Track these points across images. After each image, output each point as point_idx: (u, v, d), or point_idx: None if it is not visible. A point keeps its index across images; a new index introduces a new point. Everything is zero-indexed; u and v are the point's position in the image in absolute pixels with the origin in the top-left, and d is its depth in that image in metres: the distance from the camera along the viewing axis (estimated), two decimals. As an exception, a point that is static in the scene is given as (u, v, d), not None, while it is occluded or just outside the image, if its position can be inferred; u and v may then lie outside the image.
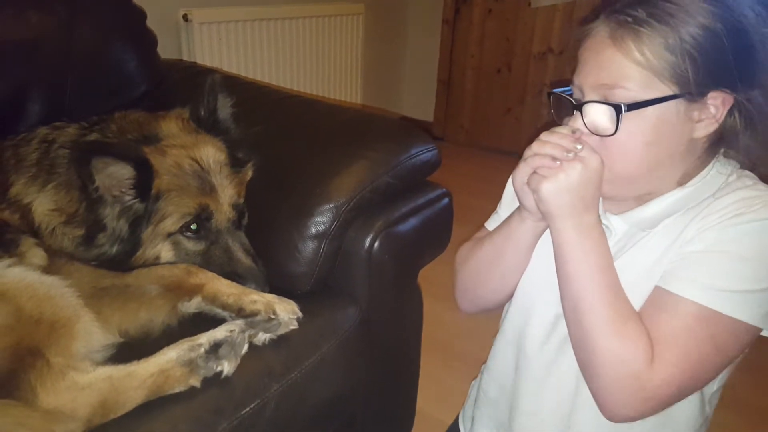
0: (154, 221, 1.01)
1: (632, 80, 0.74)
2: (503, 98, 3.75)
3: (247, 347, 0.89)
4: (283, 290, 1.01)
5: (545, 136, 0.80)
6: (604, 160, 0.77)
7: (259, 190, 1.14)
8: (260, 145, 1.20)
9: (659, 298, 0.77)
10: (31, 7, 1.32)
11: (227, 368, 0.86)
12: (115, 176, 0.97)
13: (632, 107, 0.74)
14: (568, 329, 0.82)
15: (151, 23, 1.57)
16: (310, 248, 1.06)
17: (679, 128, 0.76)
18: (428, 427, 1.51)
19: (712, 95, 0.74)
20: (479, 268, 0.97)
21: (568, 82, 0.83)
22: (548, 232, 0.83)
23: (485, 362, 1.11)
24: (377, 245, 1.09)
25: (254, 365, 0.91)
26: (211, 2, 2.37)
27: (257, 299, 0.94)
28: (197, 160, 1.05)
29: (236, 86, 1.33)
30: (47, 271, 0.92)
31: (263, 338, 0.93)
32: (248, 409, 0.88)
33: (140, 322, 0.95)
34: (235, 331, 0.87)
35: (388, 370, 1.28)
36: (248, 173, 1.15)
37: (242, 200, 1.11)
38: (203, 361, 0.84)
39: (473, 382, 1.16)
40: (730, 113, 0.76)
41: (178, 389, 0.83)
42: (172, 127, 1.10)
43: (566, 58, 0.83)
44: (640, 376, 0.73)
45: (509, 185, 0.99)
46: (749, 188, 0.78)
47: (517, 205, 0.88)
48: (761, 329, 0.75)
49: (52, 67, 1.33)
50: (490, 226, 1.02)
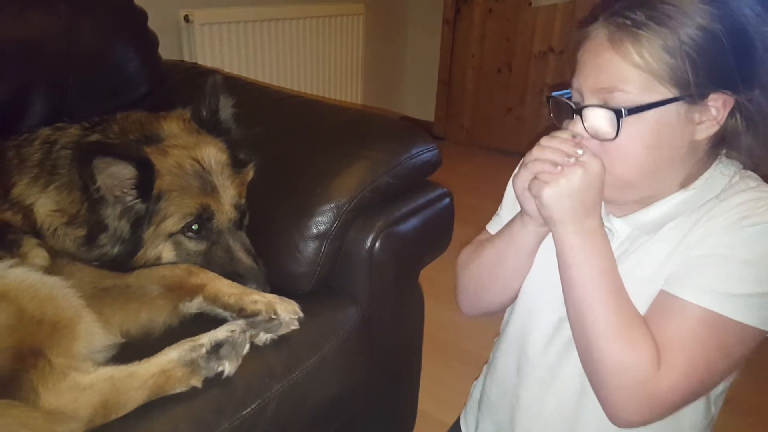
0: (155, 221, 1.01)
1: (632, 83, 0.73)
2: (504, 98, 3.74)
3: (248, 347, 0.89)
4: (284, 290, 1.01)
5: (545, 141, 0.79)
6: (605, 164, 0.76)
7: (260, 190, 1.14)
8: (261, 145, 1.20)
9: (665, 302, 0.76)
10: (32, 7, 1.32)
11: (228, 368, 0.86)
12: (116, 176, 0.97)
13: (632, 111, 0.73)
14: (572, 335, 0.81)
15: (152, 24, 1.57)
16: (311, 248, 1.06)
17: (680, 131, 0.75)
18: (429, 427, 1.51)
19: (712, 97, 0.74)
20: (481, 272, 0.96)
21: (568, 84, 0.82)
22: (551, 234, 0.82)
23: (487, 362, 1.11)
24: (378, 245, 1.10)
25: (255, 365, 0.91)
26: (212, 3, 2.37)
27: (258, 299, 0.94)
28: (199, 160, 1.05)
29: (237, 87, 1.33)
30: (49, 271, 0.92)
31: (264, 338, 0.93)
32: (249, 409, 0.88)
33: (141, 322, 0.95)
34: (236, 331, 0.88)
35: (388, 370, 1.28)
36: (249, 173, 1.15)
37: (243, 200, 1.11)
38: (204, 361, 0.84)
39: (474, 382, 1.15)
40: (731, 115, 0.75)
41: (179, 389, 0.83)
42: (173, 127, 1.11)
43: (567, 57, 0.82)
44: (646, 382, 0.73)
45: (510, 187, 0.98)
46: (753, 190, 0.78)
47: (517, 207, 0.87)
48: (767, 332, 0.74)
49: (53, 67, 1.33)
50: (491, 228, 1.02)
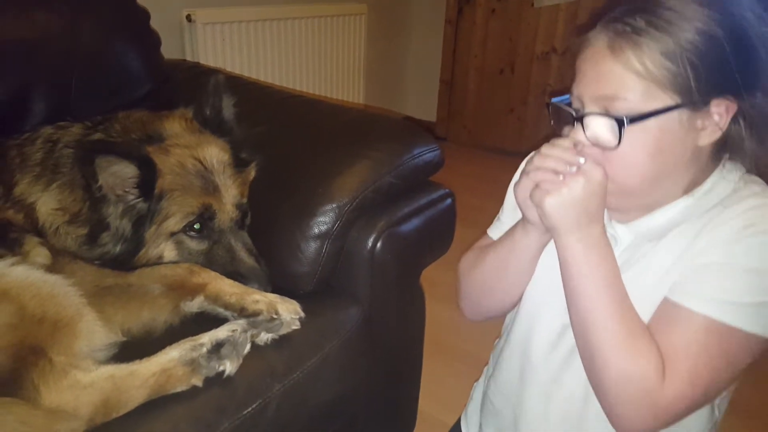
0: (157, 221, 1.01)
1: (633, 91, 0.72)
2: (506, 98, 3.74)
3: (249, 347, 0.89)
4: (285, 290, 1.01)
5: (546, 149, 0.78)
6: (607, 172, 0.75)
7: (262, 189, 1.14)
8: (263, 144, 1.20)
9: (669, 311, 0.76)
10: (35, 6, 1.32)
11: (229, 368, 0.86)
12: (118, 175, 0.97)
13: (634, 120, 0.72)
14: (576, 343, 0.81)
15: (154, 23, 1.57)
16: (312, 248, 1.06)
17: (682, 138, 0.74)
18: (430, 427, 1.51)
19: (715, 103, 0.73)
20: (484, 278, 0.95)
21: (568, 89, 0.81)
22: (553, 240, 0.82)
23: (487, 364, 1.11)
24: (380, 245, 1.09)
25: (256, 365, 0.91)
26: (214, 3, 2.37)
27: (260, 299, 0.94)
28: (200, 159, 1.05)
29: (239, 86, 1.33)
30: (50, 270, 0.92)
31: (265, 338, 0.93)
32: (250, 409, 0.88)
33: (143, 321, 0.95)
34: (237, 330, 0.88)
35: (390, 370, 1.28)
36: (251, 173, 1.15)
37: (245, 200, 1.11)
38: (205, 360, 0.84)
39: (475, 383, 1.15)
40: (734, 120, 0.74)
41: (180, 389, 0.83)
42: (175, 126, 1.11)
43: (569, 58, 0.81)
44: (651, 392, 0.72)
45: (510, 192, 0.97)
46: (758, 196, 0.77)
47: (518, 212, 0.87)
48: None
49: (55, 66, 1.34)
50: (492, 233, 1.01)
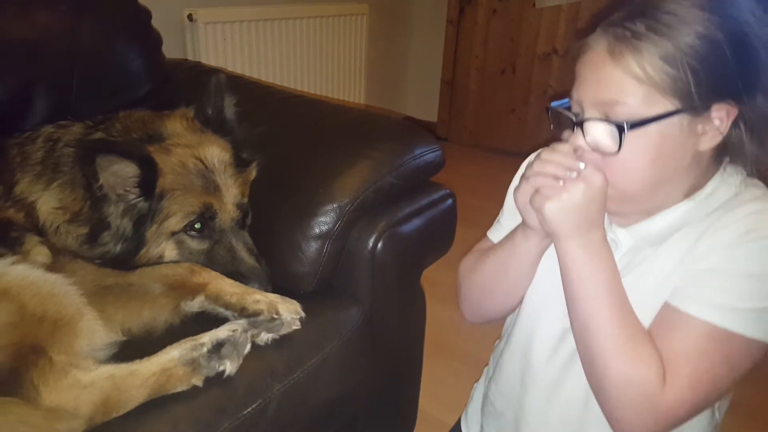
0: (158, 220, 1.01)
1: (633, 96, 0.71)
2: (507, 99, 3.74)
3: (249, 347, 0.89)
4: (286, 290, 1.01)
5: (546, 154, 0.77)
6: (607, 177, 0.75)
7: (262, 189, 1.14)
8: (264, 144, 1.20)
9: (669, 316, 0.75)
10: (36, 6, 1.32)
11: (229, 368, 0.86)
12: (119, 174, 0.97)
13: (635, 125, 0.71)
14: (577, 348, 0.81)
15: (156, 23, 1.57)
16: (313, 248, 1.06)
17: (683, 142, 0.74)
18: (430, 427, 1.51)
19: (715, 107, 0.72)
20: (484, 281, 0.95)
21: (568, 93, 0.81)
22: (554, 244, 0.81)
23: (487, 365, 1.11)
24: (380, 246, 1.09)
25: (257, 365, 0.91)
26: (215, 2, 2.37)
27: (260, 299, 0.94)
28: (202, 159, 1.05)
29: (240, 86, 1.33)
30: (51, 269, 0.92)
31: (266, 338, 0.93)
32: (250, 408, 0.88)
33: (143, 320, 0.95)
34: (237, 330, 0.88)
35: (390, 370, 1.28)
36: (252, 173, 1.15)
37: (246, 200, 1.11)
38: (205, 360, 0.84)
39: (475, 384, 1.15)
40: (734, 124, 0.74)
41: (180, 388, 0.83)
42: (176, 126, 1.11)
43: (570, 60, 0.81)
44: (652, 397, 0.72)
45: (510, 194, 0.96)
46: (759, 200, 0.76)
47: (518, 215, 0.86)
48: None
49: (56, 66, 1.34)
50: (492, 235, 1.01)
